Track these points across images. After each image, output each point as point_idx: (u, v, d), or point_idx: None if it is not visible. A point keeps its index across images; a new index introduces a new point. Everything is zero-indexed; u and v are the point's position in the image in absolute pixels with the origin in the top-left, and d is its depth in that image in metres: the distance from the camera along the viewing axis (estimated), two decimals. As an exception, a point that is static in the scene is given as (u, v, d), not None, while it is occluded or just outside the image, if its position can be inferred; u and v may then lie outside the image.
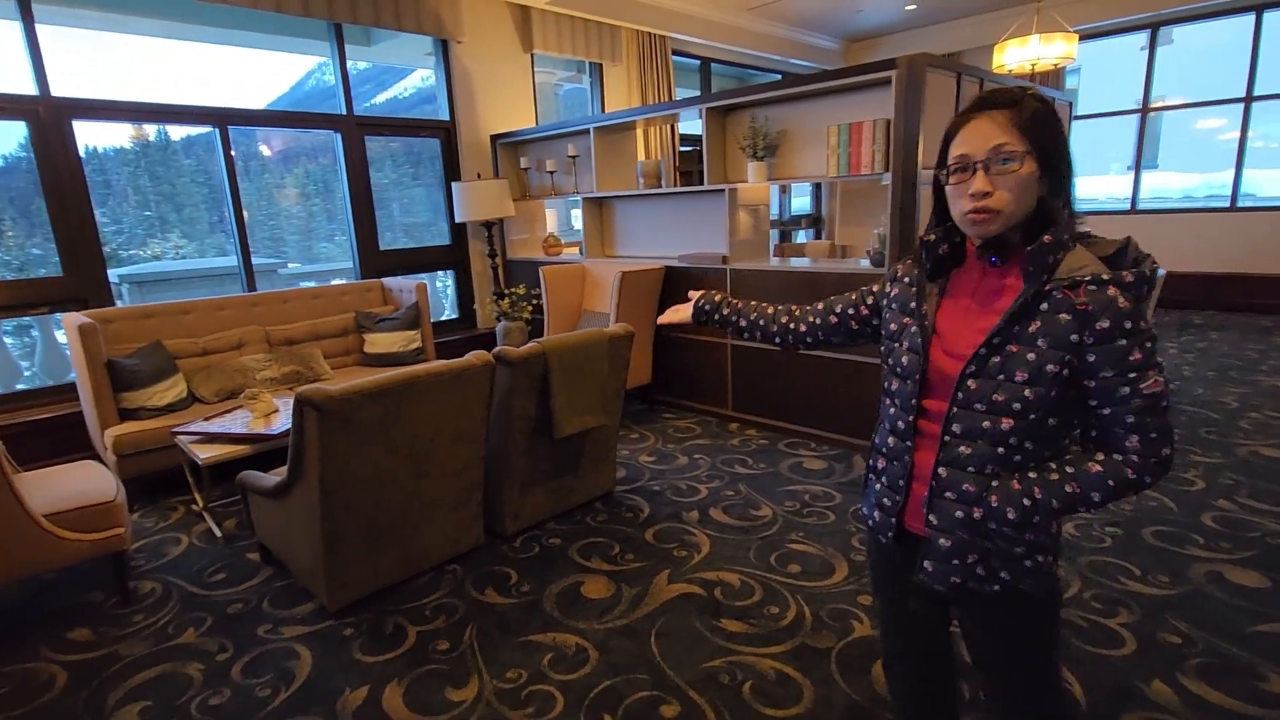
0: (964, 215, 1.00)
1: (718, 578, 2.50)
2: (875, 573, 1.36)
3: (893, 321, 1.17)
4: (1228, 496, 2.93)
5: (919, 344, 1.09)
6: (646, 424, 4.23)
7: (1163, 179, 11.61)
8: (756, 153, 3.69)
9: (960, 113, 1.03)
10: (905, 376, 1.12)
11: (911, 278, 1.15)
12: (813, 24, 7.51)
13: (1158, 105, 7.48)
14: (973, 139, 0.98)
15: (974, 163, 0.97)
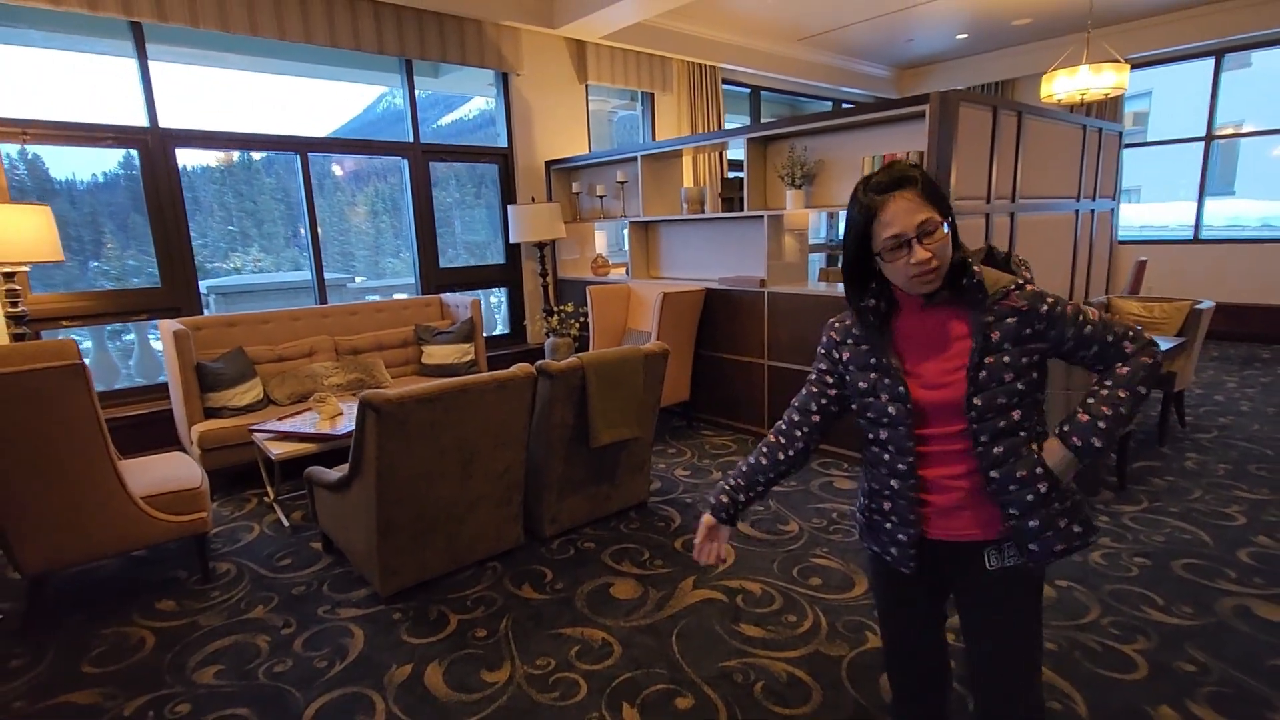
0: (911, 279, 1.15)
1: (740, 586, 2.62)
2: (888, 592, 1.42)
3: (860, 381, 1.26)
4: (1269, 534, 2.88)
5: (899, 391, 1.21)
6: (684, 440, 4.38)
7: (1239, 206, 11.15)
8: (795, 181, 3.83)
9: (867, 197, 1.15)
10: (895, 423, 1.23)
11: (854, 338, 1.27)
12: (863, 53, 7.62)
13: (1224, 133, 7.26)
14: (898, 219, 1.12)
15: (908, 239, 1.12)
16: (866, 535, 1.38)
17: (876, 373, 1.23)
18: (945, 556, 1.29)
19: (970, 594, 1.32)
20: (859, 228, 1.17)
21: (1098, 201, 4.61)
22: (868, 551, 1.41)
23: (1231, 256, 6.94)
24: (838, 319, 1.32)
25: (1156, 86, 10.84)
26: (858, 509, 1.40)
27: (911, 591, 1.37)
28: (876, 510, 1.32)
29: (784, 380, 4.10)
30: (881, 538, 1.33)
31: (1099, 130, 4.45)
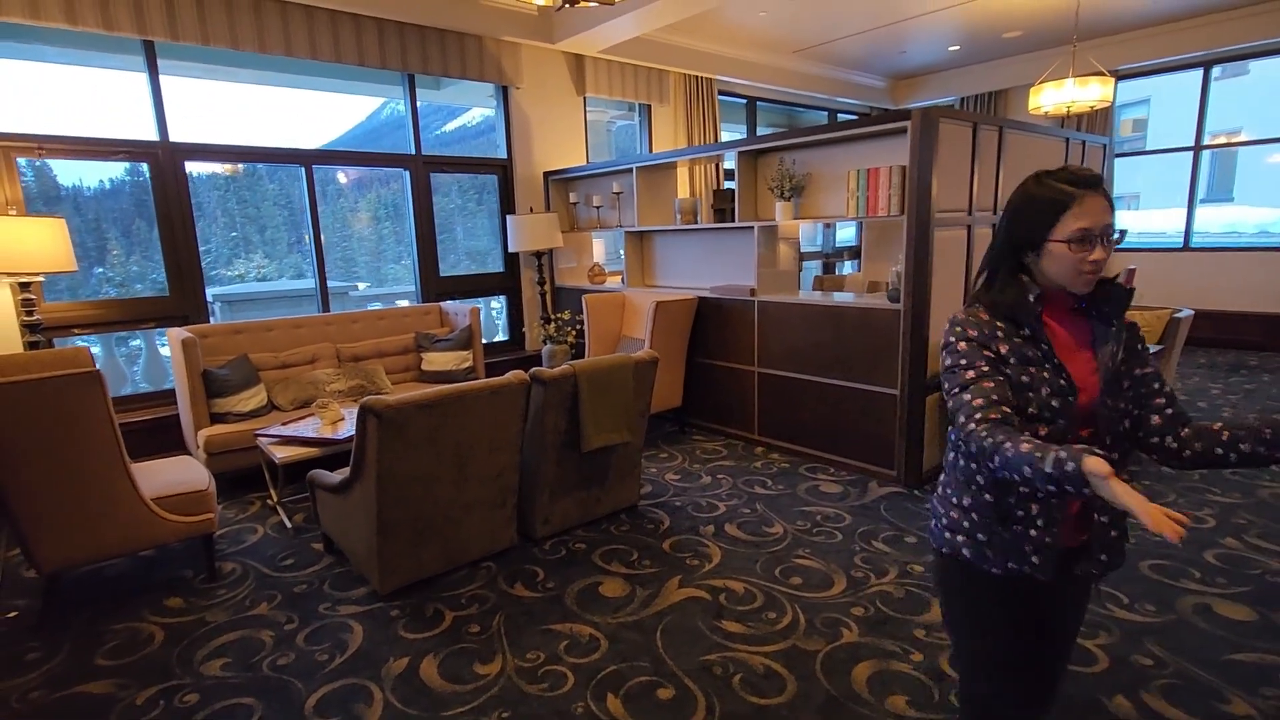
0: (1080, 275, 1.17)
1: (724, 585, 2.73)
2: (1014, 612, 1.31)
3: (1021, 375, 1.19)
4: (1236, 535, 2.99)
5: (1061, 384, 1.18)
6: (676, 445, 4.49)
7: (1237, 213, 11.22)
8: (784, 193, 3.96)
9: (1066, 187, 1.16)
10: (1057, 416, 1.18)
11: (1005, 331, 1.21)
12: (858, 64, 7.75)
13: (1215, 142, 7.36)
14: (1091, 215, 1.15)
15: (1095, 236, 1.15)
16: (991, 556, 1.26)
17: (1037, 366, 1.19)
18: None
19: (1056, 600, 1.35)
20: (1043, 214, 1.17)
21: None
22: (986, 576, 1.28)
23: (1223, 264, 7.02)
24: (966, 315, 1.24)
25: (1155, 94, 10.95)
26: (964, 532, 1.29)
27: (1040, 602, 1.32)
28: (1016, 519, 1.23)
29: (774, 387, 4.21)
30: (1023, 548, 1.24)
31: (1082, 143, 4.56)
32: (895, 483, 3.67)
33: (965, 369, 1.19)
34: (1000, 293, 1.22)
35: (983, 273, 1.29)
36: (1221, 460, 1.18)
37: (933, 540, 1.40)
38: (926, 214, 3.33)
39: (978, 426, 1.11)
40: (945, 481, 1.38)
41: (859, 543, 3.04)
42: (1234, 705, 1.96)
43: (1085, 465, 0.96)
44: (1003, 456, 1.06)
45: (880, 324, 3.59)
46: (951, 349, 1.23)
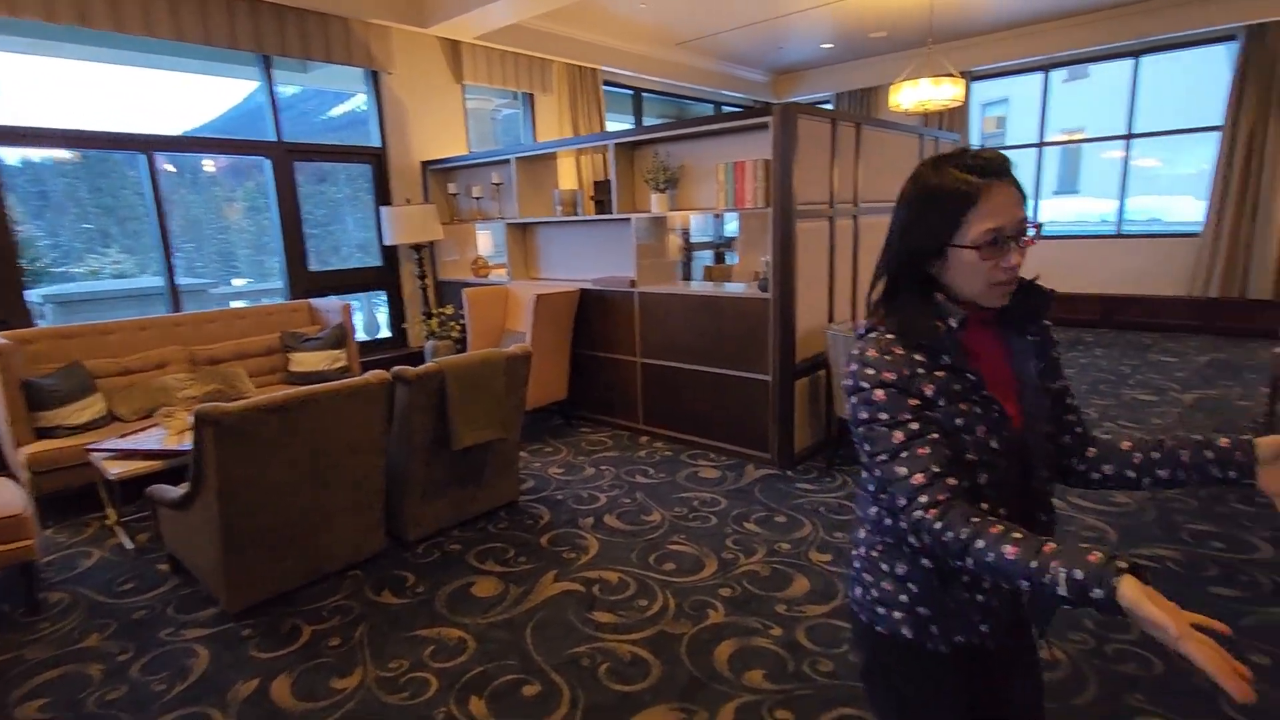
0: (992, 287, 0.96)
1: (599, 576, 2.74)
2: (958, 690, 1.09)
3: (955, 418, 0.97)
4: (1060, 497, 3.31)
5: (996, 419, 0.98)
6: (562, 438, 4.47)
7: (1084, 204, 12.44)
8: (658, 185, 4.00)
9: (964, 177, 0.94)
10: (995, 460, 0.98)
11: (925, 365, 0.97)
12: (741, 59, 7.96)
13: (1056, 140, 8.09)
14: (1002, 210, 0.93)
15: (1007, 236, 0.93)
16: (937, 632, 1.04)
17: (967, 402, 0.97)
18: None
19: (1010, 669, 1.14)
20: (942, 213, 0.94)
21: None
22: (933, 656, 1.05)
23: (1067, 250, 7.74)
24: (878, 350, 0.98)
25: (1012, 94, 11.90)
26: (901, 607, 1.05)
27: (993, 675, 1.12)
28: (962, 584, 1.02)
29: (656, 377, 4.27)
30: (971, 616, 1.04)
31: (935, 140, 4.89)
32: (770, 465, 3.81)
33: (891, 428, 0.95)
34: (910, 318, 0.98)
35: (879, 279, 1.05)
36: (1134, 483, 1.05)
37: (861, 614, 1.12)
38: (789, 206, 3.46)
39: (926, 514, 0.91)
40: (867, 542, 1.11)
41: (732, 525, 3.14)
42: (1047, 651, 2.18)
43: (1124, 598, 0.73)
44: (977, 560, 0.86)
45: (752, 313, 3.71)
46: (865, 398, 0.97)
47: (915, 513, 0.92)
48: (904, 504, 0.93)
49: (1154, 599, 0.72)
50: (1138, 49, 7.01)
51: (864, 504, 1.12)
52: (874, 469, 0.99)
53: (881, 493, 1.01)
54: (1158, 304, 7.16)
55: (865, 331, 1.04)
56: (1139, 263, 7.24)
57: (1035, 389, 1.03)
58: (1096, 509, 3.17)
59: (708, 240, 7.90)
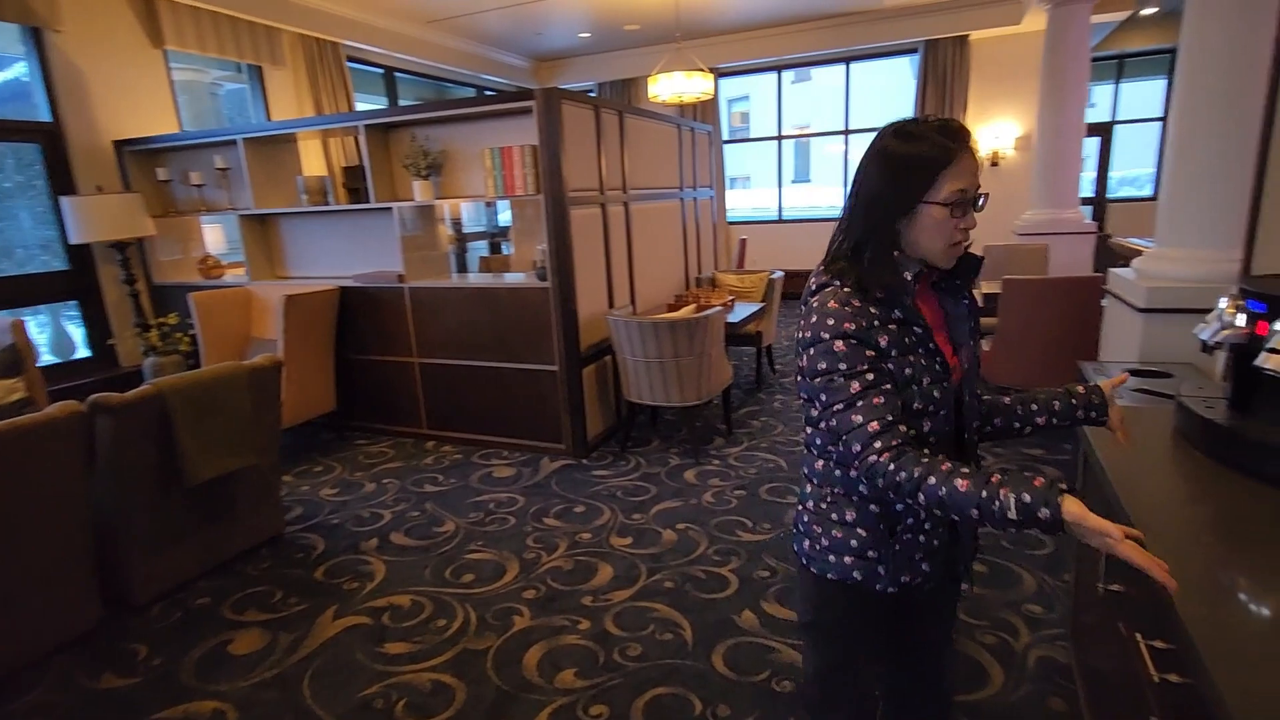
0: (951, 246, 1.04)
1: (388, 603, 2.48)
2: (902, 624, 1.23)
3: (904, 368, 1.04)
4: (822, 450, 3.71)
5: (938, 371, 1.07)
6: (335, 454, 4.00)
7: (817, 192, 14.21)
8: (420, 171, 3.71)
9: (942, 140, 1.00)
10: (938, 408, 1.07)
11: (880, 318, 1.04)
12: (500, 42, 7.73)
13: (789, 134, 9.07)
14: (968, 174, 1.01)
15: (970, 199, 1.02)
16: (884, 573, 1.13)
17: (914, 354, 1.05)
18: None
19: (938, 606, 1.28)
20: (921, 171, 1.00)
21: (699, 190, 5.37)
22: (878, 598, 1.15)
23: (806, 232, 8.76)
24: (840, 303, 1.03)
25: (753, 91, 13.16)
26: (852, 552, 1.13)
27: (924, 612, 1.25)
28: (908, 528, 1.11)
29: (437, 376, 3.99)
30: (913, 556, 1.13)
31: (691, 130, 5.17)
32: (566, 455, 3.77)
33: (848, 378, 1.01)
34: (873, 270, 1.04)
35: (842, 240, 1.11)
36: (1018, 433, 1.21)
37: (810, 566, 1.19)
38: (561, 193, 3.40)
39: (881, 459, 0.98)
40: (815, 495, 1.18)
41: (531, 523, 3.04)
42: (823, 593, 2.40)
43: (1067, 514, 0.86)
44: (931, 496, 0.94)
45: (533, 303, 3.61)
46: (825, 349, 1.02)
47: (870, 458, 0.99)
48: (859, 450, 1.00)
49: (1089, 518, 0.85)
50: (848, 56, 8.10)
51: (809, 461, 1.20)
52: (829, 419, 1.04)
53: (833, 444, 1.09)
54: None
55: (821, 286, 1.08)
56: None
57: (969, 349, 1.13)
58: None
59: (482, 230, 7.62)
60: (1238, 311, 1.37)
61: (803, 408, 1.16)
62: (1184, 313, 2.31)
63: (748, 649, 2.13)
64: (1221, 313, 1.41)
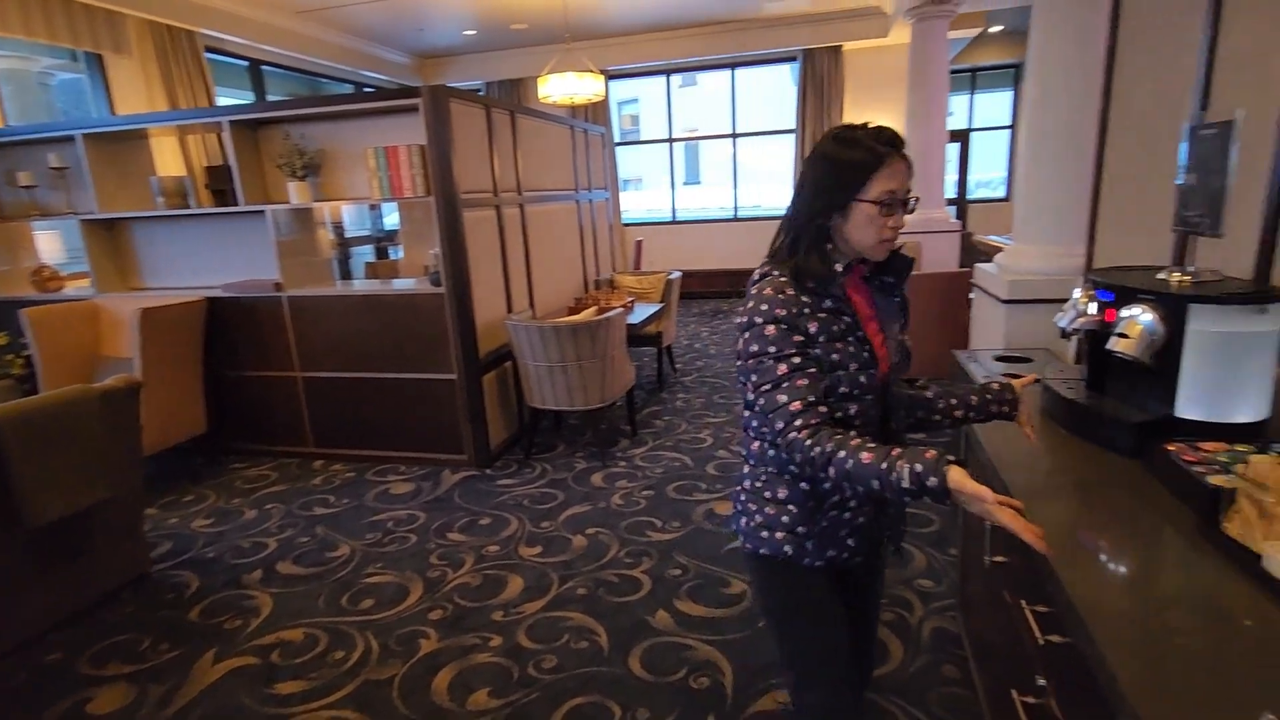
0: (879, 243, 1.12)
1: (277, 639, 2.28)
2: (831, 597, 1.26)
3: (831, 354, 1.12)
4: (725, 447, 3.80)
5: (866, 359, 1.14)
6: (208, 481, 3.66)
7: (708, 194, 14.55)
8: (295, 172, 3.46)
9: (877, 145, 1.08)
10: (865, 393, 1.15)
11: (811, 306, 1.12)
12: (378, 37, 7.38)
13: (680, 137, 9.25)
14: (898, 177, 1.09)
15: (900, 199, 1.10)
16: (812, 548, 1.21)
17: (843, 341, 1.13)
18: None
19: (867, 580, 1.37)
20: (854, 173, 1.08)
21: (594, 192, 5.36)
22: (810, 571, 1.22)
23: (700, 233, 8.97)
24: (773, 289, 1.11)
25: (642, 95, 13.31)
26: (783, 528, 1.20)
27: (855, 586, 1.33)
28: (832, 504, 1.19)
29: (324, 391, 3.74)
30: (840, 533, 1.21)
31: (584, 131, 5.15)
32: (468, 466, 3.64)
33: (776, 360, 1.08)
34: (807, 261, 1.12)
35: (782, 236, 1.18)
36: (937, 425, 1.31)
37: (746, 542, 1.26)
38: (453, 194, 3.28)
39: (800, 435, 1.05)
40: (751, 475, 1.25)
41: (434, 539, 2.91)
42: (733, 586, 2.45)
43: (951, 480, 0.94)
44: (840, 469, 1.02)
45: (427, 309, 3.46)
46: (758, 333, 1.10)
47: (790, 434, 1.06)
48: (781, 427, 1.07)
49: (971, 485, 0.92)
50: (732, 62, 8.36)
51: (746, 443, 1.26)
52: (758, 400, 1.10)
53: (764, 425, 1.13)
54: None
55: (762, 275, 1.15)
56: (753, 241, 8.72)
57: (897, 343, 1.21)
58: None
59: (367, 234, 7.23)
60: (1090, 301, 1.52)
61: (741, 392, 1.21)
62: (1041, 303, 2.55)
63: (664, 649, 2.13)
64: (1076, 302, 1.55)
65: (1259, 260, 1.50)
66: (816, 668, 1.27)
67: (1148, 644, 0.85)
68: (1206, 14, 1.68)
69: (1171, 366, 1.30)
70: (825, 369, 1.11)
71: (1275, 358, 1.26)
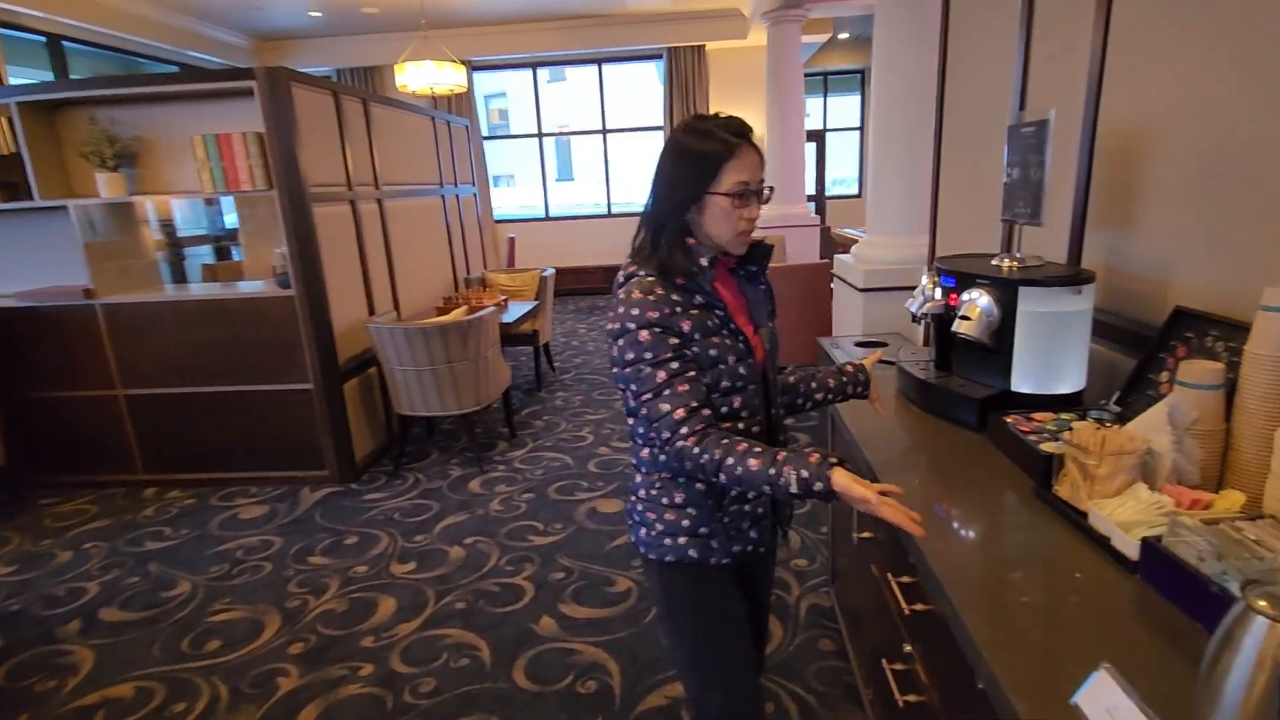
0: (739, 235, 1.11)
1: (102, 698, 1.99)
2: (733, 596, 1.25)
3: (709, 349, 1.10)
4: (606, 444, 3.77)
5: (742, 350, 1.13)
6: (8, 522, 3.13)
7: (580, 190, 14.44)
8: (105, 162, 3.03)
9: (725, 136, 1.06)
10: (747, 383, 1.14)
11: (683, 304, 1.09)
12: (209, 15, 6.67)
13: (550, 132, 9.13)
14: (750, 168, 1.07)
15: (754, 190, 1.08)
16: (718, 546, 1.19)
17: (718, 335, 1.11)
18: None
19: (762, 571, 1.38)
20: (705, 164, 1.06)
21: (461, 187, 5.15)
22: (715, 570, 1.21)
23: (573, 230, 8.89)
24: (643, 291, 1.07)
25: (510, 88, 12.98)
26: (686, 532, 1.17)
27: (754, 578, 1.34)
28: (734, 500, 1.17)
29: (154, 410, 3.31)
30: (743, 526, 1.20)
31: (448, 123, 4.93)
32: (330, 482, 3.37)
33: (654, 367, 1.05)
34: (671, 258, 1.09)
35: (642, 232, 1.14)
36: (801, 408, 1.34)
37: (649, 552, 1.22)
38: (300, 188, 3.01)
39: (687, 443, 1.03)
40: (645, 483, 1.21)
41: (293, 565, 2.66)
42: (618, 585, 2.42)
43: (836, 485, 0.95)
44: (729, 475, 1.01)
45: (276, 314, 3.16)
46: (632, 340, 1.06)
47: (678, 443, 1.04)
48: (668, 436, 1.04)
49: (858, 481, 0.95)
50: (599, 57, 8.35)
51: (635, 451, 1.22)
52: (641, 408, 1.07)
53: (650, 432, 1.09)
54: (642, 270, 8.83)
55: (628, 278, 1.11)
56: (626, 237, 8.67)
57: (768, 329, 1.22)
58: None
59: (203, 233, 6.52)
60: (935, 287, 1.62)
61: (622, 399, 1.18)
62: (893, 290, 2.73)
63: (549, 657, 2.06)
64: (924, 288, 1.65)
65: (1070, 245, 1.66)
66: (722, 669, 1.25)
67: (998, 604, 0.90)
68: (1020, 25, 1.85)
69: (1007, 345, 1.40)
70: (705, 365, 1.10)
71: (1089, 333, 1.40)
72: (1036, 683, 0.75)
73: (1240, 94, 1.17)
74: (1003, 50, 1.96)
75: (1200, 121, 1.27)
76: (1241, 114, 1.17)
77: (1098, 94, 1.54)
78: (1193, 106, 1.29)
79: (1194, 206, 1.30)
